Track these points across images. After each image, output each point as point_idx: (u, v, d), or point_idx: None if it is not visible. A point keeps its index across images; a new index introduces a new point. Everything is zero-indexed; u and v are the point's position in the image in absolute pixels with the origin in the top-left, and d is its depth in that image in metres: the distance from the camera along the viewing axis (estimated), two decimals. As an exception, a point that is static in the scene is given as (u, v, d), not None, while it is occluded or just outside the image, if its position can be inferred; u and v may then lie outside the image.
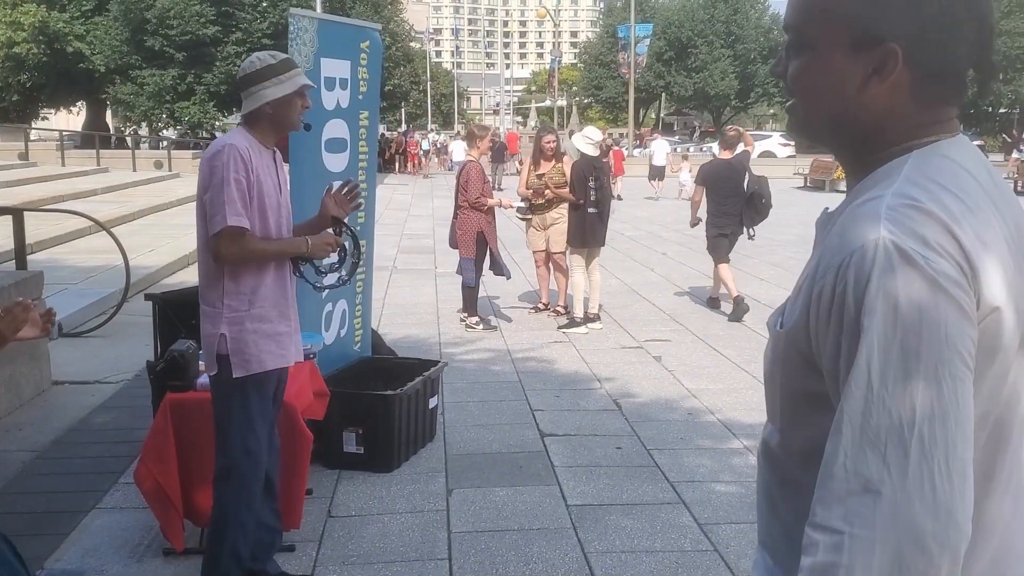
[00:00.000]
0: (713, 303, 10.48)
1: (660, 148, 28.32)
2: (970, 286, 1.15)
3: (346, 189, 4.07)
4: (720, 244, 10.07)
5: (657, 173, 27.81)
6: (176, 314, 4.97)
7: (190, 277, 11.04)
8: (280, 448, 4.08)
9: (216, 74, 42.53)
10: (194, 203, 3.73)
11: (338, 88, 5.56)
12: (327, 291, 5.64)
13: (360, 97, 5.79)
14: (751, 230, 10.21)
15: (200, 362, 4.38)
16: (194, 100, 42.69)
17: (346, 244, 4.07)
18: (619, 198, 24.20)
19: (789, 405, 1.34)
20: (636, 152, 43.25)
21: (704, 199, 10.11)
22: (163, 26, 40.81)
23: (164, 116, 43.89)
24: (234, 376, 3.63)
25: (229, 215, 3.51)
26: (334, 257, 4.10)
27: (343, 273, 4.16)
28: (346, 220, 4.07)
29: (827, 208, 1.41)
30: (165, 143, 35.53)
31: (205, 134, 44.86)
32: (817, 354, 1.23)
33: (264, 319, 3.67)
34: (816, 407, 1.26)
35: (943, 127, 1.32)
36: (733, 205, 9.94)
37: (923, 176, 1.23)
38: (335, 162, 5.62)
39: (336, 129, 5.61)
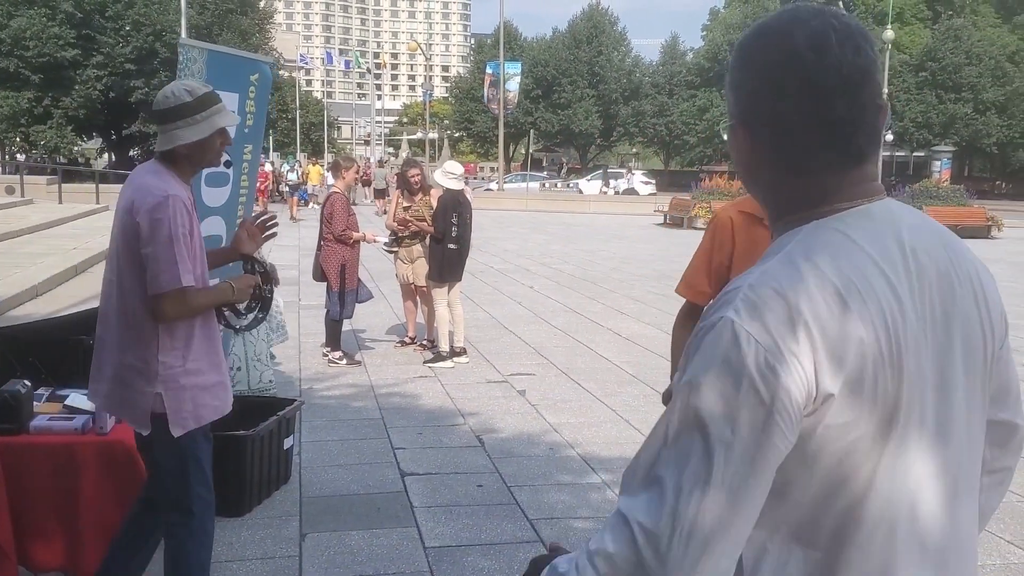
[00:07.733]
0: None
1: (380, 175, 35.62)
2: (794, 382, 1.15)
3: (260, 220, 3.91)
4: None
5: (380, 194, 33.84)
6: (13, 351, 4.69)
7: (38, 309, 10.53)
8: (117, 490, 3.88)
9: (75, 98, 41.19)
10: (49, 230, 3.49)
11: None
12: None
13: (246, 130, 5.58)
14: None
15: (35, 402, 4.15)
16: (51, 124, 41.24)
17: (259, 279, 3.85)
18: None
19: None
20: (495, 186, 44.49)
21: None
22: (18, 47, 39.41)
23: (18, 140, 42.21)
24: (174, 436, 3.41)
25: (183, 274, 3.29)
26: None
27: (258, 311, 3.90)
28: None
29: None
30: (17, 167, 34.06)
31: (63, 159, 43.27)
32: None
33: (198, 372, 3.46)
34: None
35: (848, 193, 1.28)
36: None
37: (802, 255, 1.23)
38: (215, 196, 5.39)
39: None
